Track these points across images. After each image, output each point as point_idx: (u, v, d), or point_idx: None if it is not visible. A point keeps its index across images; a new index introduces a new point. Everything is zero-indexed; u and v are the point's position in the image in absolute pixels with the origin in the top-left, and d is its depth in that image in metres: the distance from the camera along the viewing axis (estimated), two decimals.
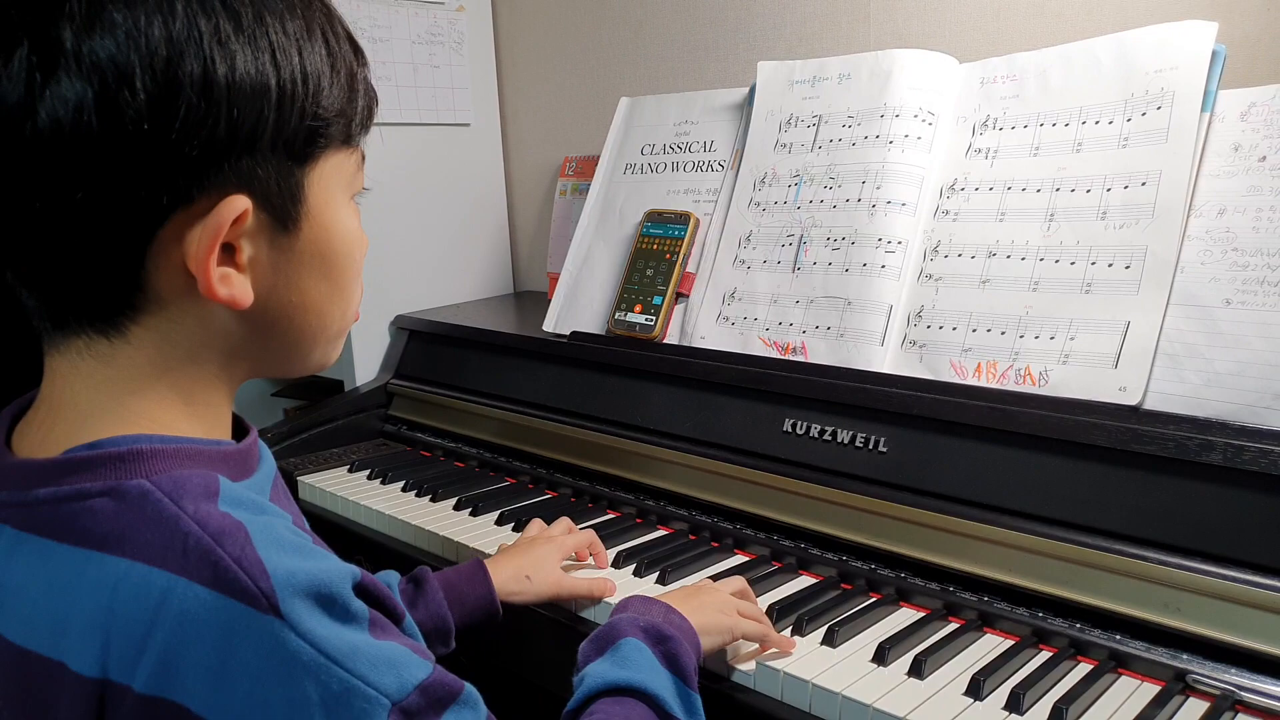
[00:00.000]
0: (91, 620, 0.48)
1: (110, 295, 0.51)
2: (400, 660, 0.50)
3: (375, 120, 0.61)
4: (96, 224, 0.48)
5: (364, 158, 0.60)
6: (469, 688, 0.53)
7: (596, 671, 0.70)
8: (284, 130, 0.52)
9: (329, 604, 0.48)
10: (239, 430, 0.60)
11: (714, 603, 0.83)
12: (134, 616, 0.47)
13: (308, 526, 0.58)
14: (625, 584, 0.99)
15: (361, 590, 0.51)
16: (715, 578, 0.97)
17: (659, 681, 0.70)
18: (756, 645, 0.85)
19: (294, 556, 0.48)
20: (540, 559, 0.96)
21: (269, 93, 0.51)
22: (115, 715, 0.47)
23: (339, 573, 0.50)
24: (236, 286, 0.52)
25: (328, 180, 0.56)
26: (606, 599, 0.95)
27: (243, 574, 0.46)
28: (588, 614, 0.96)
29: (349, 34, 0.57)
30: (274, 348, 0.58)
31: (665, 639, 0.73)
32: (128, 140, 0.47)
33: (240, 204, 0.51)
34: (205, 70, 0.48)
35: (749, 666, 0.83)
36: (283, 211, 0.54)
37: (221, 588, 0.46)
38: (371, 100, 0.59)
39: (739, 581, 0.90)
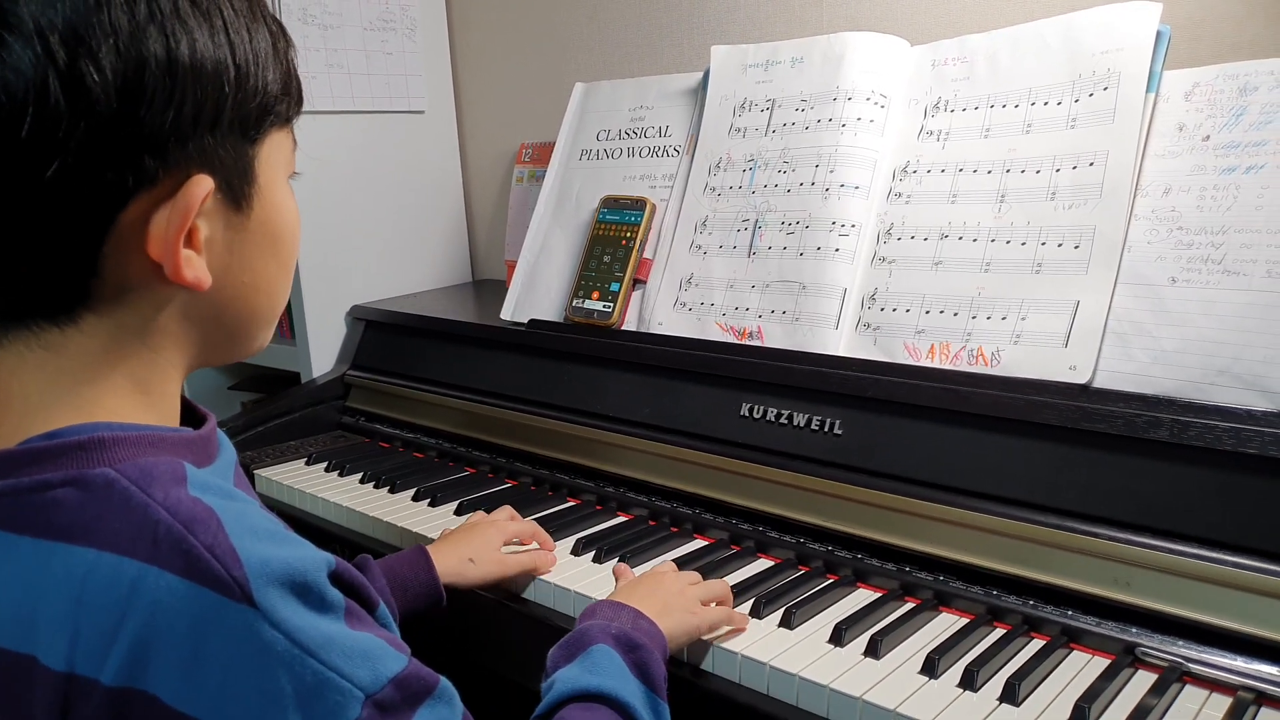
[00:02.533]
0: (60, 613, 0.47)
1: (66, 283, 0.50)
2: (375, 652, 0.49)
3: (332, 109, 0.63)
4: (59, 208, 0.48)
5: (296, 142, 0.61)
6: (444, 682, 0.53)
7: (566, 677, 0.69)
8: (240, 108, 0.53)
9: (304, 593, 0.48)
10: (195, 419, 0.60)
11: (680, 603, 0.82)
12: (104, 607, 0.46)
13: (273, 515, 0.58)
14: (584, 570, 0.99)
15: (336, 579, 0.51)
16: (676, 561, 0.97)
17: (629, 689, 0.69)
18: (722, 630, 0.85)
19: (268, 544, 0.48)
20: (483, 543, 0.96)
21: (228, 70, 0.52)
22: (81, 709, 0.46)
23: (314, 561, 0.49)
24: (198, 268, 0.52)
25: (272, 159, 0.57)
26: (543, 575, 0.97)
27: (215, 562, 0.46)
28: (529, 593, 0.97)
29: (277, 18, 0.58)
30: (225, 330, 0.58)
31: (636, 647, 0.73)
32: (95, 120, 0.47)
33: (206, 183, 0.51)
34: (168, 48, 0.49)
35: (706, 648, 0.84)
36: (238, 190, 0.54)
37: (194, 576, 0.46)
38: (300, 83, 0.59)
39: (696, 575, 0.90)
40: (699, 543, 1.05)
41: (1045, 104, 1.01)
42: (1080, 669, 0.79)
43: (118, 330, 0.52)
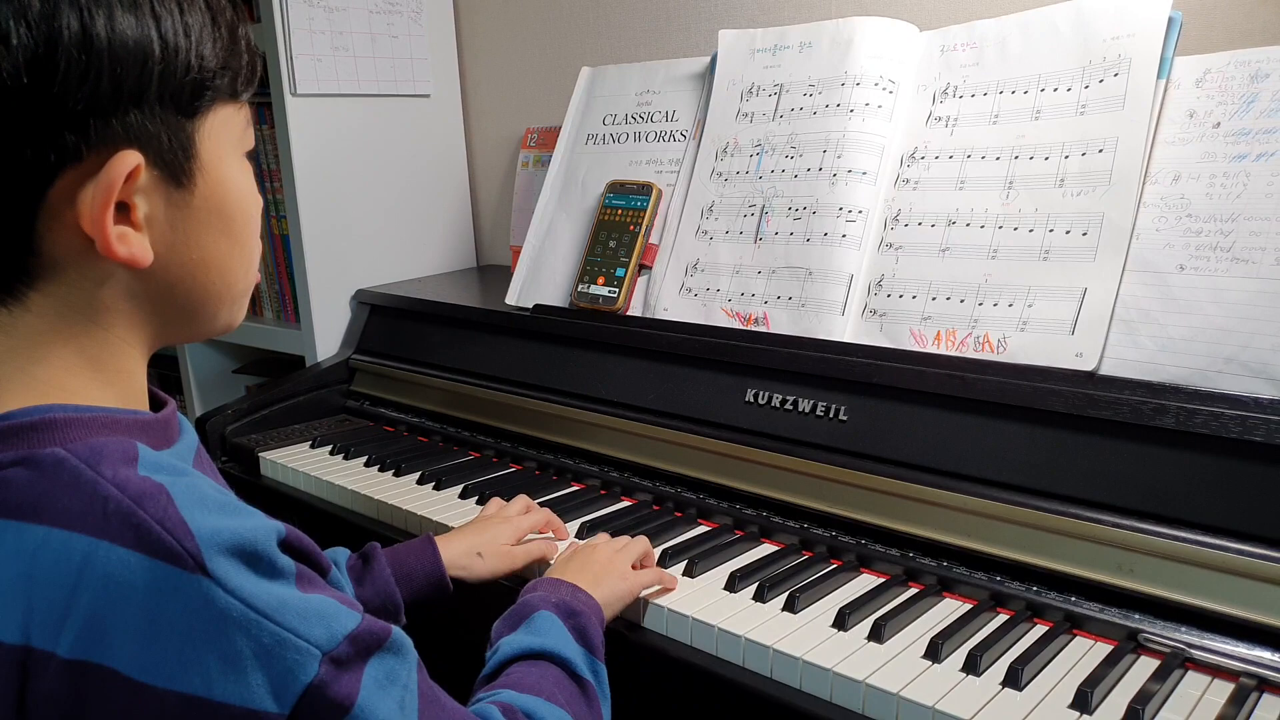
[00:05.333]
0: (10, 589, 0.48)
1: (4, 262, 0.51)
2: (329, 612, 0.51)
3: (337, 92, 0.61)
4: None
5: (250, 116, 0.60)
6: (396, 632, 0.55)
7: (511, 640, 0.74)
8: (169, 83, 0.52)
9: (254, 561, 0.49)
10: (158, 404, 0.60)
11: (610, 571, 0.86)
12: (55, 582, 0.47)
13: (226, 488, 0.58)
14: None
15: (286, 546, 0.52)
16: (680, 545, 0.98)
17: (570, 649, 0.74)
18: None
19: (217, 515, 0.49)
20: (494, 538, 0.97)
21: (151, 45, 0.51)
22: (38, 682, 0.47)
23: (264, 529, 0.50)
24: (135, 245, 0.52)
25: (217, 135, 0.56)
26: (550, 560, 0.97)
27: (166, 534, 0.47)
28: (532, 576, 0.97)
29: None
30: (179, 309, 0.58)
31: (575, 614, 0.77)
32: (6, 97, 0.47)
33: (131, 159, 0.51)
34: (83, 23, 0.48)
35: (710, 632, 0.84)
36: (175, 166, 0.54)
37: (145, 549, 0.47)
38: (255, 56, 0.59)
39: (624, 541, 0.94)
40: (703, 527, 1.06)
41: (1055, 90, 1.01)
42: (1083, 654, 0.79)
43: (65, 309, 0.53)
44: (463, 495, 1.15)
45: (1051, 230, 0.97)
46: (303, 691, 0.48)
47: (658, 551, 0.97)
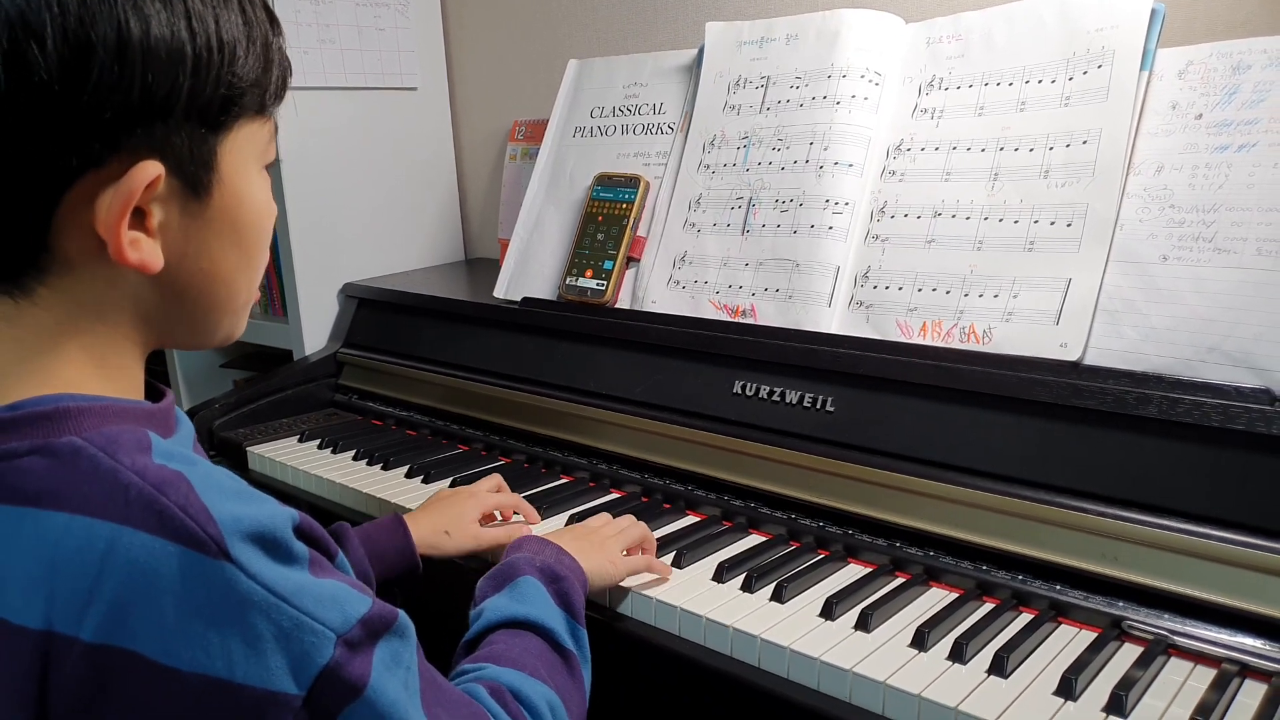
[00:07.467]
0: (32, 575, 0.48)
1: (15, 255, 0.51)
2: (342, 596, 0.52)
3: (324, 85, 0.61)
4: (3, 183, 0.48)
5: (277, 128, 0.60)
6: (402, 616, 0.56)
7: (495, 605, 0.75)
8: (198, 97, 0.52)
9: (273, 547, 0.50)
10: (154, 394, 0.60)
11: (603, 551, 0.88)
12: (78, 569, 0.47)
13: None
14: None
15: (299, 532, 0.53)
16: (669, 536, 0.98)
17: (552, 616, 0.75)
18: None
19: (235, 501, 0.49)
20: (459, 514, 0.98)
21: (184, 59, 0.51)
22: (61, 667, 0.47)
23: (280, 516, 0.51)
24: (146, 251, 0.53)
25: (240, 149, 0.56)
26: None
27: (190, 520, 0.47)
28: None
29: (265, 2, 0.57)
30: (183, 316, 0.58)
31: (559, 579, 0.78)
32: (37, 99, 0.47)
33: (153, 169, 0.51)
34: (119, 32, 0.48)
35: (698, 623, 0.84)
36: (195, 178, 0.54)
37: (169, 534, 0.47)
38: (286, 71, 0.59)
39: (629, 519, 0.95)
40: (691, 518, 1.06)
41: (1039, 82, 1.01)
42: (1068, 642, 0.80)
43: (73, 305, 0.53)
44: (452, 488, 1.15)
45: (1036, 221, 0.97)
46: (319, 673, 0.49)
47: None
